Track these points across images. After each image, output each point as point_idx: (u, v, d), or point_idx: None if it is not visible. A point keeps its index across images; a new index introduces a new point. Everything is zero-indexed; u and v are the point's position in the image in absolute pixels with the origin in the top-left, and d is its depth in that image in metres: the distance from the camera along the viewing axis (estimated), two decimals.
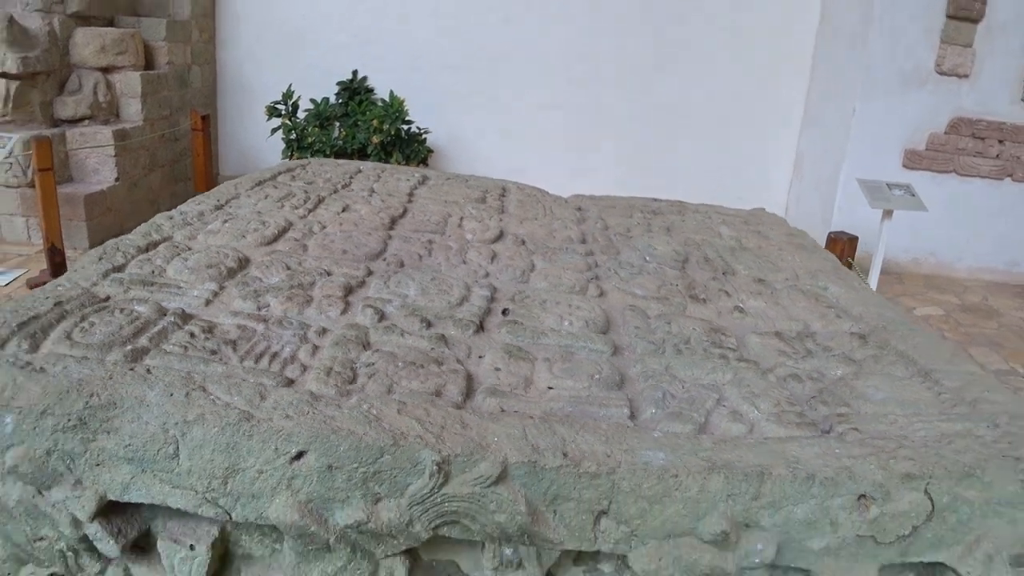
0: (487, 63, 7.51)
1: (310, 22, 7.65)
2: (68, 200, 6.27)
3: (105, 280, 1.74)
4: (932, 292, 6.59)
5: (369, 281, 1.83)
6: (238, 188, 2.54)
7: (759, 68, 7.48)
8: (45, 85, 6.70)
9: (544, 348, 1.55)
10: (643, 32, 7.37)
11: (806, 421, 1.34)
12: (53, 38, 6.70)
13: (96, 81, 6.90)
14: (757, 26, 7.36)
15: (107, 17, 7.32)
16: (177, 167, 7.69)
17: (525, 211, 2.63)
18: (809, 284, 2.23)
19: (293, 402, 1.22)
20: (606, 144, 7.63)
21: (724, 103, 7.55)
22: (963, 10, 6.45)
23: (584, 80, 7.50)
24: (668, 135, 7.64)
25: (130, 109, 7.07)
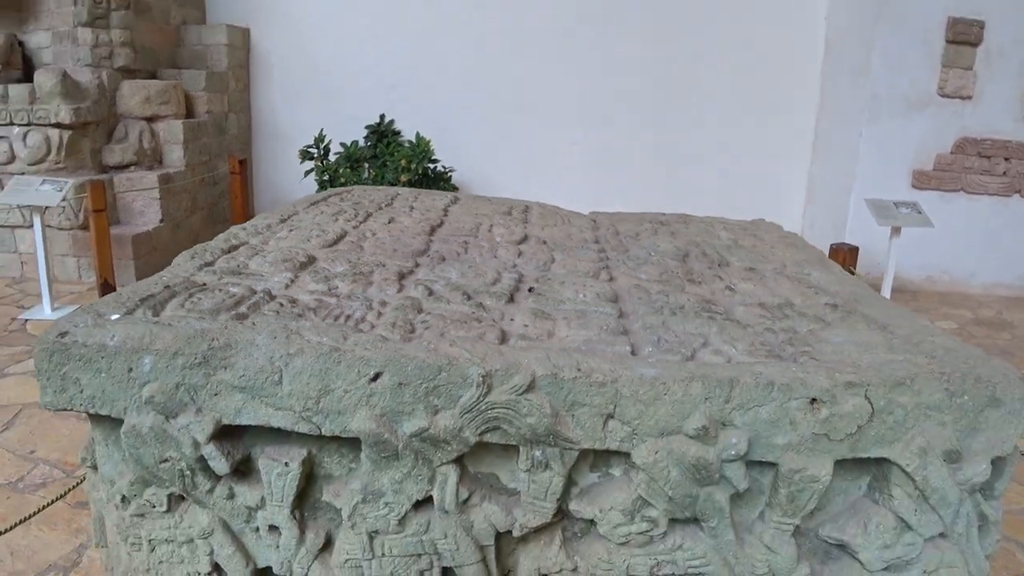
0: (508, 104, 7.96)
1: (339, 70, 8.15)
2: (116, 240, 6.72)
3: (200, 272, 2.11)
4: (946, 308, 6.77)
5: (418, 270, 2.19)
6: (296, 207, 2.93)
7: (769, 99, 7.86)
8: (94, 134, 7.21)
9: (563, 312, 1.90)
10: (656, 70, 7.81)
11: (774, 355, 1.67)
12: (102, 90, 7.22)
13: (141, 129, 7.40)
14: (765, 59, 7.76)
15: (151, 70, 7.85)
16: (216, 209, 8.16)
17: (546, 221, 3.00)
18: (795, 271, 2.55)
19: (370, 340, 1.57)
20: (622, 177, 8.02)
21: (736, 134, 7.92)
22: (961, 35, 6.75)
23: (600, 117, 7.93)
24: (682, 166, 8.02)
25: (173, 155, 7.56)
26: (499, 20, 7.85)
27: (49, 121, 6.89)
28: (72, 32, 7.27)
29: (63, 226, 6.98)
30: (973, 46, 6.80)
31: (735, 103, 7.88)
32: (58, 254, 7.05)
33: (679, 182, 8.04)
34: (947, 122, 6.96)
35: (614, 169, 8.04)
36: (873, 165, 7.15)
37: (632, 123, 7.96)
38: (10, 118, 6.96)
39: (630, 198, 7.93)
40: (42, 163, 6.98)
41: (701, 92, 7.86)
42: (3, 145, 7.00)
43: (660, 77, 7.85)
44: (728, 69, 7.80)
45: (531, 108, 7.98)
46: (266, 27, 8.32)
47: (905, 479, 1.56)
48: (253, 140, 8.66)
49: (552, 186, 7.96)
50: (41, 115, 6.89)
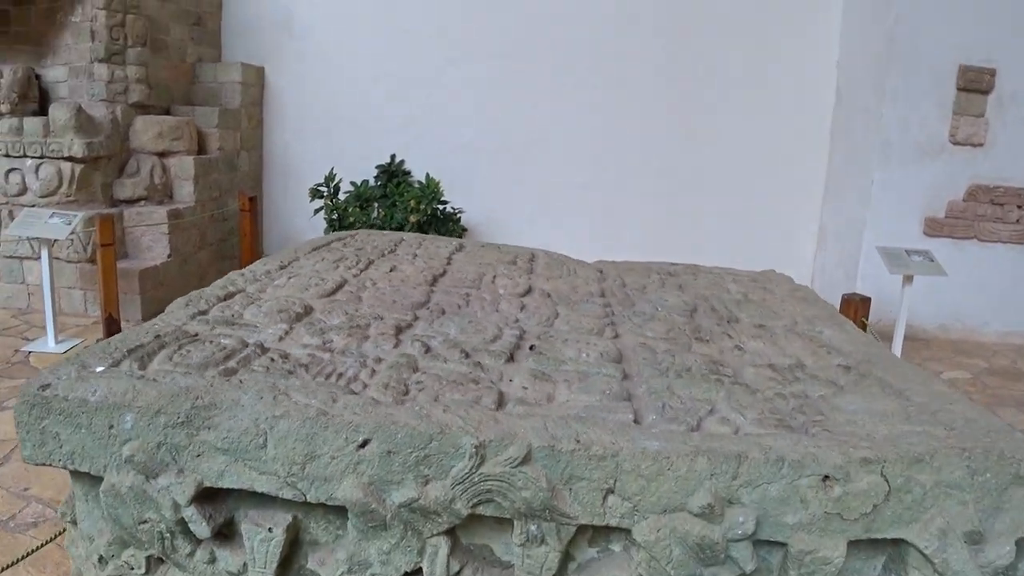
0: (518, 146, 7.95)
1: (351, 110, 8.17)
2: (124, 274, 6.69)
3: (193, 321, 2.06)
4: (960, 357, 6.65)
5: (416, 324, 2.13)
6: (297, 252, 2.89)
7: (780, 145, 7.82)
8: (106, 168, 7.23)
9: (564, 373, 1.83)
10: (667, 114, 7.79)
11: (784, 424, 1.59)
12: (115, 125, 7.25)
13: (153, 164, 7.42)
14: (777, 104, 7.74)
15: (164, 106, 7.89)
16: (225, 245, 8.14)
17: (551, 271, 2.94)
18: (806, 328, 2.48)
19: (359, 403, 1.51)
20: (632, 221, 7.97)
21: (747, 180, 7.87)
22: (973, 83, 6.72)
23: (611, 160, 7.90)
24: (693, 211, 7.97)
25: (183, 191, 7.56)
26: (512, 64, 7.87)
27: (62, 155, 6.91)
28: (88, 67, 7.32)
29: (71, 259, 6.97)
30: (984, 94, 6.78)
31: (746, 147, 7.84)
32: (65, 286, 7.03)
33: (689, 226, 7.98)
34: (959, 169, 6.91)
35: (623, 212, 7.99)
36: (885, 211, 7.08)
37: (642, 167, 7.93)
38: (24, 150, 6.98)
39: (639, 241, 7.87)
40: (53, 196, 6.99)
41: (713, 136, 7.83)
42: (16, 177, 7.02)
43: (671, 121, 7.84)
44: (740, 113, 7.78)
45: (542, 151, 7.97)
46: (280, 66, 8.37)
47: (923, 561, 1.47)
48: (264, 177, 8.67)
49: (561, 228, 7.92)
50: (55, 148, 6.91)
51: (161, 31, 7.78)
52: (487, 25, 7.88)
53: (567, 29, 7.79)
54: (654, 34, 7.75)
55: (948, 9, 6.67)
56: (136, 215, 7.18)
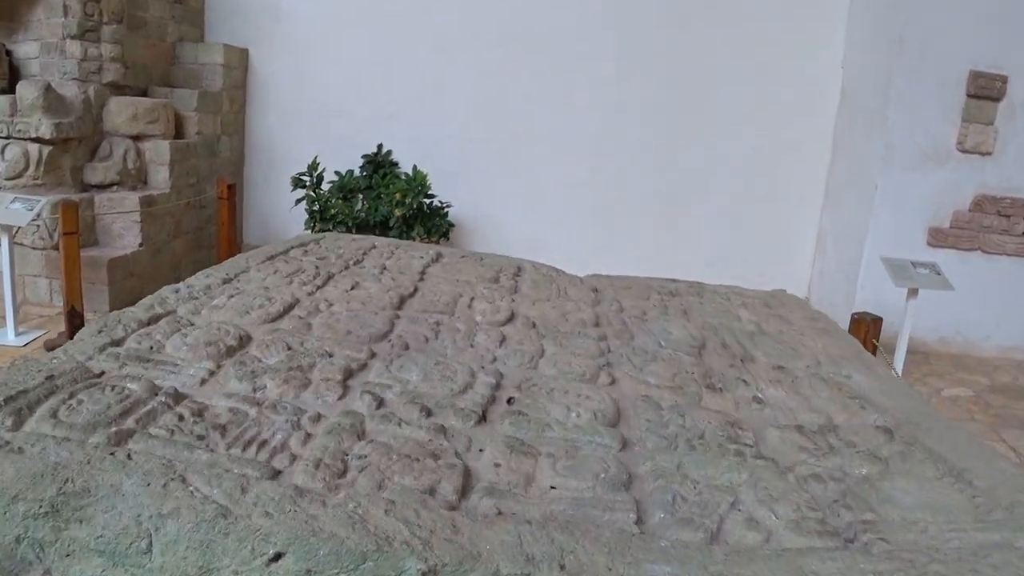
0: (510, 139, 7.58)
1: (337, 96, 7.79)
2: (92, 263, 6.32)
3: (102, 354, 1.69)
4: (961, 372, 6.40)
5: (371, 364, 1.77)
6: (248, 262, 2.52)
7: (780, 146, 7.49)
8: (77, 151, 6.83)
9: (548, 442, 1.47)
10: (666, 110, 7.43)
11: (828, 529, 1.24)
12: (87, 106, 6.85)
13: (127, 148, 7.02)
14: (778, 105, 7.40)
15: (141, 87, 7.49)
16: (201, 234, 7.76)
17: (538, 292, 2.58)
18: (831, 371, 2.13)
19: (275, 497, 1.15)
20: (627, 220, 7.62)
21: (746, 180, 7.54)
22: (983, 89, 6.42)
23: (606, 157, 7.54)
24: (689, 212, 7.63)
25: (158, 176, 7.17)
26: (506, 54, 7.48)
27: (29, 135, 6.51)
28: (60, 44, 6.91)
29: (36, 245, 6.58)
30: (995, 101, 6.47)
31: (746, 147, 7.49)
32: (30, 274, 6.65)
33: (685, 226, 7.63)
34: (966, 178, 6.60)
35: (619, 211, 7.63)
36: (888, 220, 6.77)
37: (639, 165, 7.56)
38: None
39: (633, 241, 7.53)
40: (19, 178, 6.59)
41: (712, 134, 7.47)
42: None
43: (670, 118, 7.47)
44: (740, 112, 7.42)
45: (535, 146, 7.59)
46: (265, 48, 7.96)
47: None
48: (245, 164, 8.27)
49: (553, 226, 7.56)
50: (21, 128, 6.52)
51: (139, 8, 7.35)
52: (480, 13, 7.49)
53: (563, 19, 7.41)
54: (654, 28, 7.37)
55: (959, 13, 6.36)
56: (107, 201, 6.79)
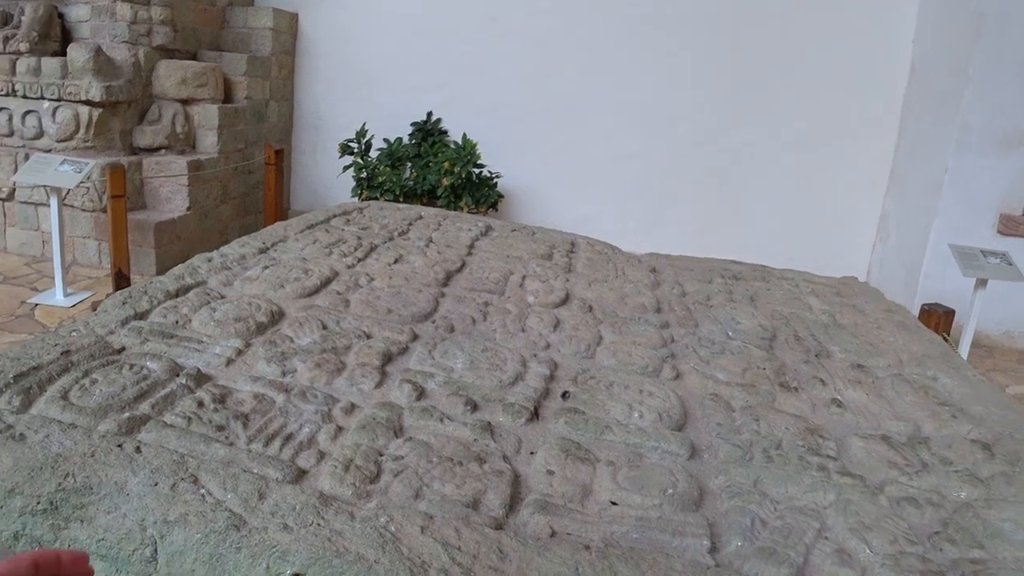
0: (563, 110, 7.35)
1: (388, 63, 7.64)
2: (139, 226, 6.31)
3: (124, 328, 1.57)
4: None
5: (412, 348, 1.61)
6: (287, 230, 2.38)
7: (844, 123, 7.12)
8: (126, 114, 6.81)
9: (608, 446, 1.30)
10: (723, 84, 7.12)
11: (931, 569, 1.06)
12: (137, 69, 6.81)
13: (175, 112, 6.99)
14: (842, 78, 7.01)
15: (190, 51, 7.44)
16: (248, 199, 7.72)
17: (594, 271, 2.40)
18: (916, 372, 1.93)
19: (296, 507, 1.00)
20: (681, 197, 7.36)
21: (804, 159, 7.19)
22: None
23: (659, 131, 7.26)
24: (746, 190, 7.32)
25: (206, 141, 7.13)
26: (558, 23, 7.23)
27: (79, 98, 6.50)
28: (111, 7, 6.85)
29: (86, 207, 6.58)
30: None
31: (807, 124, 7.12)
32: (79, 236, 6.68)
33: (739, 205, 7.32)
34: None
35: (672, 186, 7.35)
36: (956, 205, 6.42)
37: (694, 139, 7.25)
38: (41, 92, 6.60)
39: (687, 218, 7.27)
40: (70, 141, 6.60)
41: (772, 109, 7.12)
42: (33, 120, 6.64)
43: (728, 91, 7.14)
44: (802, 86, 7.04)
45: (587, 117, 7.34)
46: (316, 14, 7.83)
47: None
48: (293, 130, 8.18)
49: (603, 199, 7.33)
50: (72, 91, 6.51)
51: None
52: None
53: None
54: None
55: None
56: (155, 165, 6.76)
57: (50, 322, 5.29)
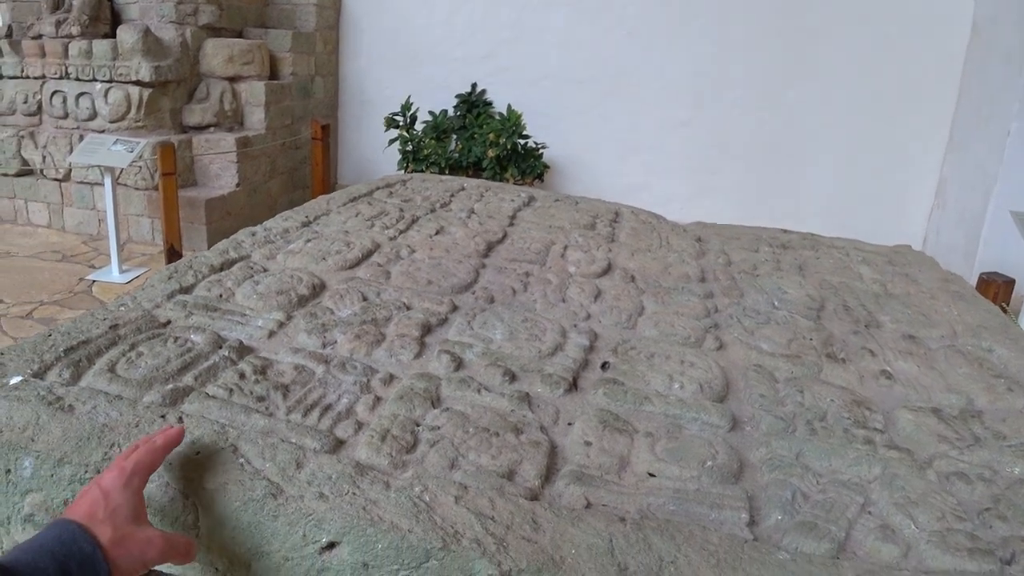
0: (608, 79, 7.25)
1: (431, 36, 7.62)
2: (190, 203, 6.43)
3: (169, 302, 1.60)
4: None
5: (452, 319, 1.62)
6: (330, 204, 2.39)
7: (899, 83, 6.86)
8: (175, 93, 6.91)
9: (647, 418, 1.29)
10: (772, 48, 6.92)
11: (980, 547, 1.02)
12: (185, 48, 6.90)
13: (223, 90, 7.07)
14: (898, 37, 6.75)
15: (236, 29, 7.50)
16: (296, 175, 7.80)
17: (638, 241, 2.37)
18: (971, 344, 1.87)
19: (332, 476, 1.01)
20: (731, 165, 7.22)
21: (858, 122, 6.97)
22: None
23: (708, 97, 7.12)
24: (796, 156, 7.14)
25: (253, 117, 7.21)
26: None
27: (130, 78, 6.62)
28: None
29: (139, 186, 6.72)
30: None
31: (862, 84, 6.88)
32: (133, 214, 6.83)
33: (790, 172, 7.14)
34: None
35: (721, 155, 7.20)
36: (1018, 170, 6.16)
37: (742, 105, 7.07)
38: (93, 74, 6.73)
39: (737, 186, 7.13)
40: (122, 121, 6.73)
41: (825, 69, 6.87)
42: (86, 101, 6.79)
43: (778, 51, 6.92)
44: (856, 44, 6.79)
45: (633, 86, 7.22)
46: None
47: None
48: (339, 105, 8.22)
49: (650, 168, 7.24)
50: (123, 72, 6.63)
51: None
52: None
53: None
54: None
55: None
56: (205, 142, 6.87)
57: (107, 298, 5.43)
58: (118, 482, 0.94)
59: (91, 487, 0.95)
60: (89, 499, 0.93)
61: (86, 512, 0.91)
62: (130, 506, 0.93)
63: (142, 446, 1.00)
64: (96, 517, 0.90)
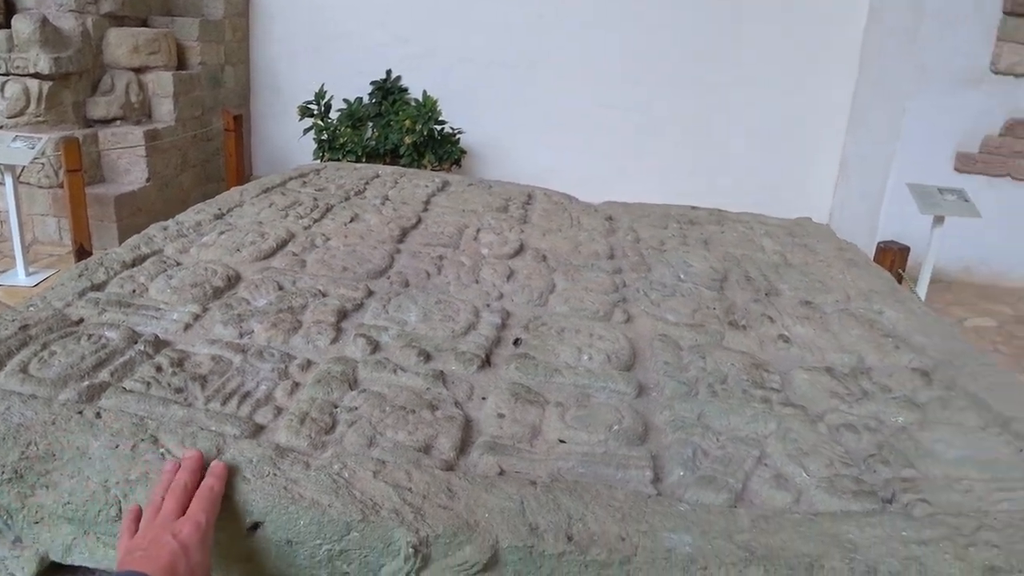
0: (523, 63, 7.30)
1: (344, 21, 7.52)
2: (98, 200, 6.23)
3: (81, 300, 1.58)
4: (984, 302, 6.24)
5: (367, 304, 1.65)
6: (243, 195, 2.39)
7: (804, 65, 7.13)
8: (78, 85, 6.66)
9: (558, 388, 1.35)
10: (683, 30, 7.10)
11: (864, 489, 1.12)
12: (86, 38, 6.65)
13: (128, 81, 6.85)
14: (802, 21, 7.01)
15: (140, 17, 7.27)
16: (209, 167, 7.63)
17: (550, 221, 2.44)
18: (862, 307, 2.00)
19: (253, 459, 1.04)
20: (645, 146, 7.37)
21: (767, 102, 7.22)
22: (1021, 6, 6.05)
23: (622, 80, 7.24)
24: (708, 136, 7.35)
25: (162, 109, 7.01)
26: None
27: (28, 71, 6.33)
28: None
29: (43, 184, 6.46)
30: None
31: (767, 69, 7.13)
32: (38, 214, 6.56)
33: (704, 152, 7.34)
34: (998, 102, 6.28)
35: (635, 135, 7.35)
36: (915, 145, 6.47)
37: (657, 88, 7.24)
38: None
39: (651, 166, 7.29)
40: (21, 116, 6.44)
41: (732, 56, 7.11)
42: None
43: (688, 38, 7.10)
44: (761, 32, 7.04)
45: (550, 69, 7.29)
46: None
47: None
48: (251, 94, 8.06)
49: (569, 151, 7.33)
50: (19, 64, 6.34)
51: None
52: None
53: None
54: None
55: None
56: (111, 136, 6.64)
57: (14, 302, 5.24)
58: (195, 537, 0.91)
59: (164, 537, 0.91)
60: (168, 553, 0.89)
61: (166, 566, 0.87)
62: (207, 564, 0.92)
63: (204, 495, 0.96)
64: (177, 573, 0.88)
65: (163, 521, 0.94)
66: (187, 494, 0.97)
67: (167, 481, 1.00)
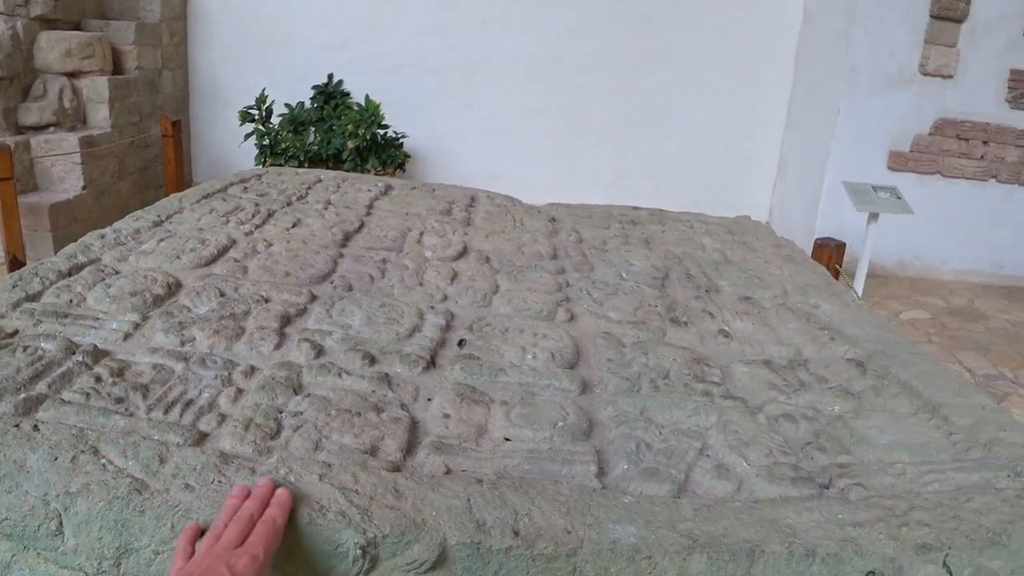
0: (466, 67, 7.31)
1: (285, 25, 7.44)
2: (32, 210, 6.05)
3: (15, 311, 1.55)
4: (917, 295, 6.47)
5: (311, 308, 1.64)
6: (183, 202, 2.35)
7: (742, 68, 7.30)
8: (8, 91, 6.46)
9: (502, 388, 1.37)
10: (624, 34, 7.19)
11: (802, 475, 1.16)
12: (16, 42, 6.46)
13: (62, 86, 6.67)
14: (739, 25, 7.17)
15: (73, 20, 7.08)
16: (148, 174, 7.47)
17: (493, 224, 2.45)
18: (799, 301, 2.06)
19: (197, 467, 1.03)
20: (587, 148, 7.45)
21: (706, 104, 7.37)
22: (947, 10, 6.30)
23: (564, 84, 7.31)
24: (650, 138, 7.46)
25: (97, 115, 6.85)
26: None
27: None
28: None
29: None
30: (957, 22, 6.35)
31: (706, 69, 7.27)
32: None
33: (646, 153, 7.46)
34: (927, 102, 6.53)
35: (578, 138, 7.43)
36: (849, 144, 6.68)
37: (598, 90, 7.32)
38: None
39: (594, 168, 7.36)
40: None
41: (672, 56, 7.23)
42: None
43: (629, 40, 7.21)
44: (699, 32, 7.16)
45: (491, 73, 7.32)
46: None
47: None
48: (190, 99, 7.91)
49: (512, 154, 7.36)
50: None
51: None
52: None
53: None
54: None
55: None
56: (45, 143, 6.46)
57: None
58: (251, 570, 0.89)
59: (220, 568, 0.88)
60: None
61: None
62: None
63: (266, 528, 0.94)
64: None
65: (221, 551, 0.91)
66: (251, 525, 0.94)
67: (232, 507, 0.97)
